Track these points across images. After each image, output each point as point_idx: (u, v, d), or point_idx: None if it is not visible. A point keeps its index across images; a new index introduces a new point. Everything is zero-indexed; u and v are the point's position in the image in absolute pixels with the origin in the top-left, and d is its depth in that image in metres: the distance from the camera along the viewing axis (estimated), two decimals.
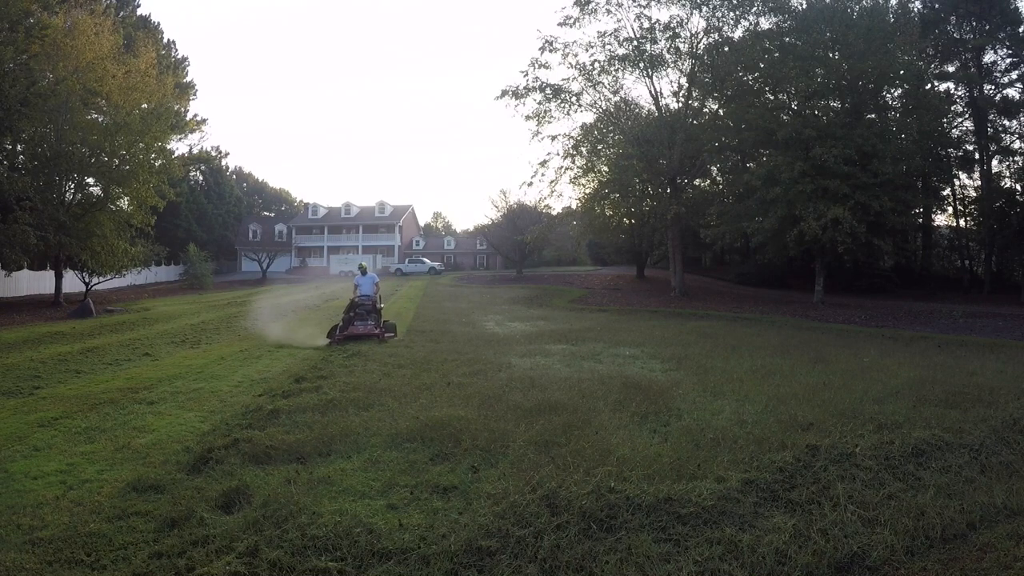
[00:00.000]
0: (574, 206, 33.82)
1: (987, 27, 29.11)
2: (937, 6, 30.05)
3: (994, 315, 18.98)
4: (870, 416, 6.00)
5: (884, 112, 24.76)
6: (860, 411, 6.23)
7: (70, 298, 23.69)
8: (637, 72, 25.47)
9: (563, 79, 28.47)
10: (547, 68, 26.69)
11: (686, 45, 24.63)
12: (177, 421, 6.30)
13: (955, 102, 29.49)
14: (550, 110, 26.39)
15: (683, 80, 25.48)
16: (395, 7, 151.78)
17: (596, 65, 25.46)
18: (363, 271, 13.21)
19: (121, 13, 34.41)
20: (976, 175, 31.06)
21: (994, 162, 30.37)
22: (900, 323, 17.27)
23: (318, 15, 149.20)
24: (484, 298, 25.86)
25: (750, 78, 23.71)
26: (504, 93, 26.25)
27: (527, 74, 26.14)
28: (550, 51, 25.73)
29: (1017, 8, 28.87)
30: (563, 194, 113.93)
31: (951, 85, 30.18)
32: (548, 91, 26.03)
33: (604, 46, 25.17)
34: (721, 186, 30.57)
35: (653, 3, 24.46)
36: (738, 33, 24.24)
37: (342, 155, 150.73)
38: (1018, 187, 29.30)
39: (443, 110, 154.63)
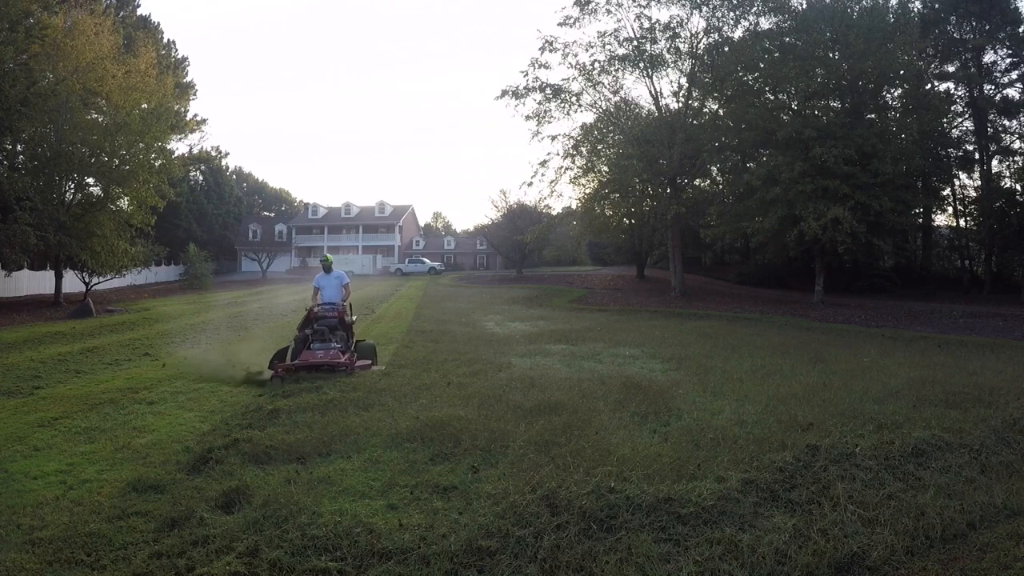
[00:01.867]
0: (574, 206, 33.86)
1: (987, 27, 29.10)
2: (937, 6, 30.03)
3: (994, 315, 18.97)
4: (870, 416, 6.00)
5: (884, 112, 24.74)
6: (860, 411, 6.23)
7: (70, 298, 23.68)
8: (637, 72, 25.48)
9: (563, 79, 28.50)
10: (547, 68, 26.74)
11: (686, 45, 24.64)
12: (177, 421, 6.29)
13: (955, 102, 29.47)
14: (550, 110, 26.42)
15: (683, 80, 25.51)
16: (395, 7, 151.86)
17: (596, 65, 25.49)
18: (327, 267, 9.37)
19: (121, 13, 34.41)
20: (976, 175, 31.06)
21: (994, 162, 30.38)
22: (900, 323, 17.27)
23: (318, 15, 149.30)
24: (484, 298, 25.86)
25: (750, 78, 23.70)
26: (504, 93, 26.28)
27: (527, 74, 26.18)
28: (550, 51, 25.76)
29: (1017, 8, 28.88)
30: (563, 194, 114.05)
31: (951, 85, 30.20)
32: (548, 91, 26.04)
33: (604, 46, 25.21)
34: (721, 186, 30.57)
35: (653, 3, 24.48)
36: (738, 33, 24.27)
37: (342, 155, 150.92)
38: (1018, 187, 29.26)
39: (443, 110, 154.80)
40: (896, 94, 25.22)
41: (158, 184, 25.22)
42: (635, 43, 24.73)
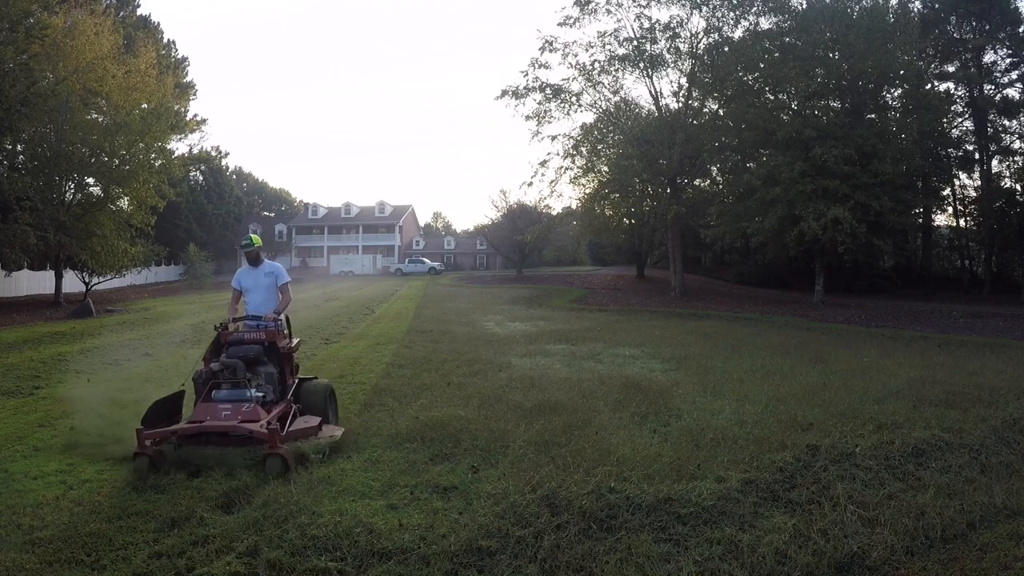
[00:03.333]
0: (574, 206, 33.89)
1: (987, 27, 29.09)
2: (937, 6, 30.03)
3: (994, 315, 18.97)
4: (870, 416, 6.00)
5: (884, 112, 24.75)
6: (860, 411, 6.23)
7: (70, 298, 23.68)
8: (637, 72, 25.47)
9: (563, 79, 28.48)
10: (547, 68, 26.71)
11: (686, 45, 24.63)
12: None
13: (955, 102, 29.46)
14: (550, 110, 26.41)
15: (683, 80, 25.50)
16: (395, 7, 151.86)
17: (596, 65, 25.48)
18: (253, 256, 5.96)
19: (121, 13, 34.39)
20: (976, 175, 31.07)
21: (994, 162, 30.40)
22: (900, 323, 17.26)
23: (318, 15, 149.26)
24: (484, 298, 25.86)
25: (750, 78, 23.70)
26: (504, 93, 26.27)
27: (527, 74, 26.17)
28: (550, 51, 25.75)
29: (1017, 8, 28.88)
30: (563, 194, 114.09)
31: (951, 85, 30.19)
32: (548, 91, 26.03)
33: (604, 46, 25.19)
34: (721, 186, 30.57)
35: (653, 3, 24.47)
36: (738, 33, 24.26)
37: (342, 155, 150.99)
38: (1018, 187, 29.28)
39: (443, 110, 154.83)
40: (896, 94, 25.22)
41: (158, 184, 25.24)
42: (635, 43, 24.72)
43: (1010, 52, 29.25)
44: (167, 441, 4.72)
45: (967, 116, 29.92)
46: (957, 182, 31.96)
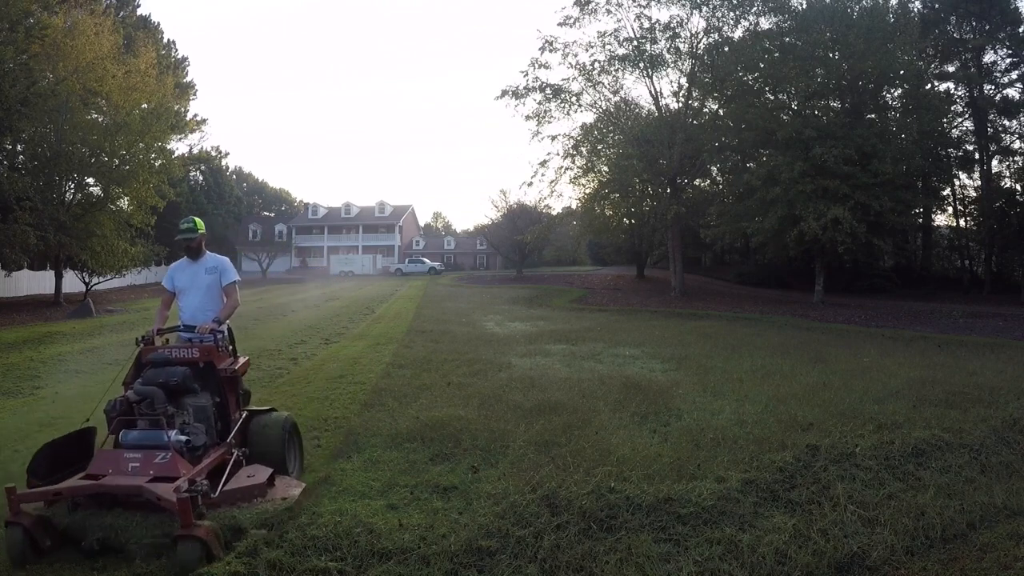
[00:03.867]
0: (574, 206, 33.88)
1: (987, 27, 29.09)
2: (937, 6, 30.02)
3: (994, 315, 18.96)
4: (870, 416, 6.00)
5: (884, 112, 24.74)
6: (860, 411, 6.23)
7: (70, 298, 23.68)
8: (637, 72, 25.46)
9: (563, 79, 28.45)
10: (547, 68, 26.69)
11: (686, 45, 24.62)
12: None
13: (955, 102, 29.45)
14: (550, 110, 26.39)
15: (683, 80, 25.48)
16: (395, 7, 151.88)
17: (596, 65, 25.46)
18: (195, 246, 4.67)
19: (121, 13, 34.38)
20: (976, 175, 31.07)
21: (994, 162, 30.39)
22: (900, 323, 17.25)
23: (318, 15, 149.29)
24: (484, 298, 25.85)
25: (750, 78, 23.68)
26: (504, 93, 26.26)
27: (527, 74, 26.15)
28: (550, 51, 25.73)
29: (1017, 8, 28.87)
30: (563, 194, 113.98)
31: (951, 85, 30.18)
32: (548, 91, 26.01)
33: (604, 46, 25.18)
34: (721, 186, 30.56)
35: (653, 3, 24.44)
36: (738, 33, 24.24)
37: (342, 155, 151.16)
38: (1018, 187, 29.28)
39: (443, 110, 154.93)
40: (896, 94, 25.21)
41: (158, 184, 25.25)
42: (635, 43, 24.71)
43: (1010, 52, 29.24)
44: (61, 502, 3.46)
45: (967, 116, 29.91)
46: (957, 182, 31.98)
